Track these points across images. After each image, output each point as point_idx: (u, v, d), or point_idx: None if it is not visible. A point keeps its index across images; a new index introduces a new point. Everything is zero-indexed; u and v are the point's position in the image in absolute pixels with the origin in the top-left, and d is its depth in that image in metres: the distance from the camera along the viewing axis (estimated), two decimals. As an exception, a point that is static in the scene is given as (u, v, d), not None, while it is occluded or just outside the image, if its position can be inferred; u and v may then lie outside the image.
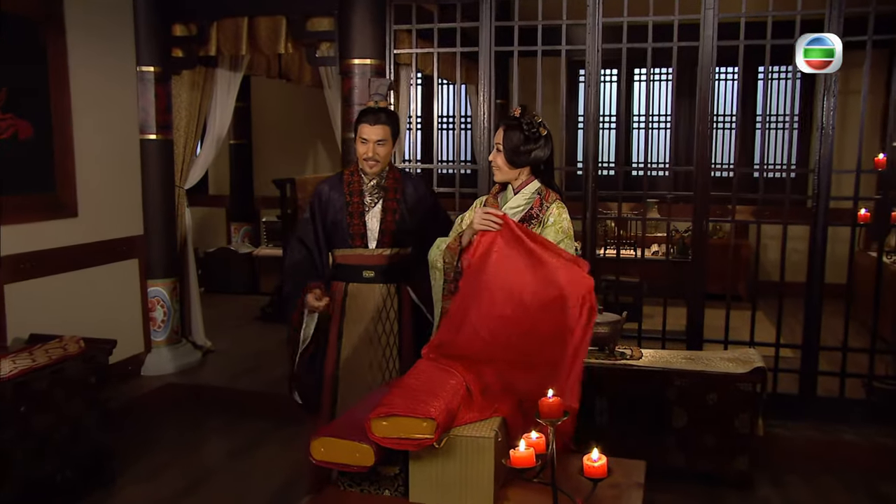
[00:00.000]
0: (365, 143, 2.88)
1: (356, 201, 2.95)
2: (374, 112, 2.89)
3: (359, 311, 2.96)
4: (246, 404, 4.51)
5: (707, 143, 4.01)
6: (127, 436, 4.08)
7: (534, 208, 2.57)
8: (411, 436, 1.94)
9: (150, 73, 4.86)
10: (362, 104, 4.27)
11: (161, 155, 4.96)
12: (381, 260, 2.97)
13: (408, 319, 3.03)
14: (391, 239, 2.97)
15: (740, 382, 3.46)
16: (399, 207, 2.98)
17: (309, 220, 2.97)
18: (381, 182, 2.99)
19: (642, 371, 3.59)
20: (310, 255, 2.93)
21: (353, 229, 2.93)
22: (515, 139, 2.50)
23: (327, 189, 2.99)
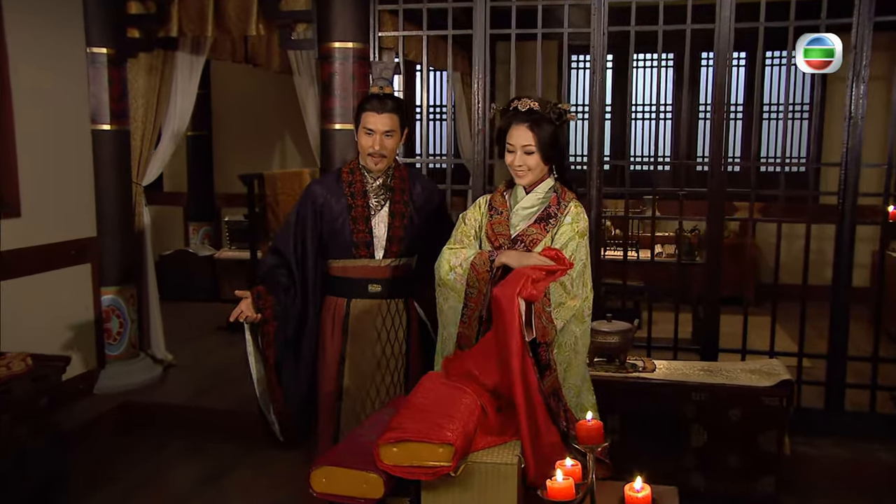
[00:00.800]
0: (370, 135, 2.76)
1: (360, 204, 2.82)
2: (379, 98, 2.77)
3: (364, 332, 2.85)
4: (213, 424, 4.41)
5: (722, 135, 3.99)
6: (80, 464, 3.94)
7: (551, 206, 2.53)
8: (425, 463, 1.86)
9: (103, 56, 4.72)
10: (345, 92, 4.20)
11: (116, 147, 4.82)
12: (388, 272, 2.86)
13: (416, 340, 2.95)
14: (399, 247, 2.86)
15: (766, 397, 3.43)
16: (408, 210, 2.88)
17: (292, 226, 2.83)
18: (388, 181, 2.88)
19: (657, 385, 3.56)
20: (279, 266, 2.81)
21: (357, 237, 2.81)
22: (548, 132, 2.45)
23: (322, 191, 2.84)
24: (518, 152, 2.47)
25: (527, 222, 2.54)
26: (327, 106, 4.27)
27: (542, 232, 2.50)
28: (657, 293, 5.20)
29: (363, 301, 2.85)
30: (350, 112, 4.11)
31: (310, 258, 2.83)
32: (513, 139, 2.47)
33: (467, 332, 2.48)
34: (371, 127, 2.75)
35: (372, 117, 2.75)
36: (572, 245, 2.46)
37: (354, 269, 2.84)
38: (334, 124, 4.24)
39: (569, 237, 2.47)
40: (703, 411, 3.49)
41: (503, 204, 2.61)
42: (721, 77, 3.95)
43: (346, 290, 2.86)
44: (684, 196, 4.21)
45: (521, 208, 2.56)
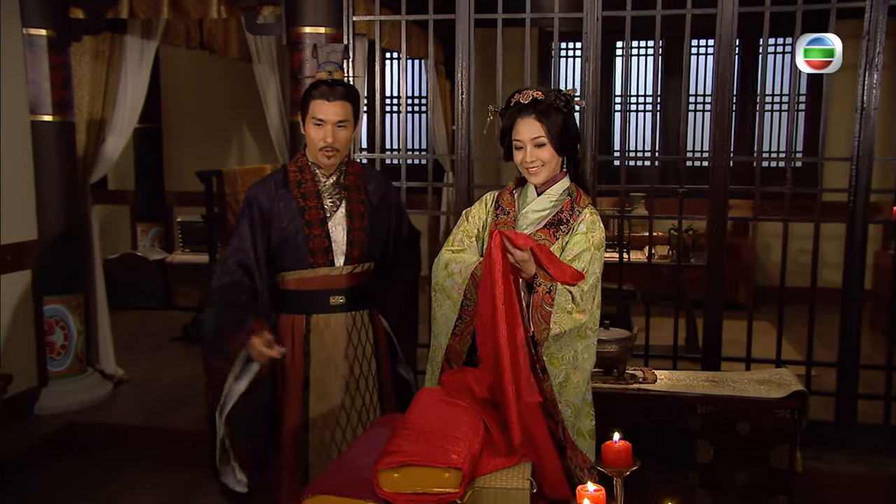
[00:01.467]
0: (320, 126, 2.65)
1: (313, 206, 2.72)
2: (329, 85, 2.67)
3: (327, 350, 2.76)
4: (172, 447, 4.29)
5: (725, 128, 4.00)
6: (18, 495, 3.82)
7: (563, 211, 2.50)
8: (430, 490, 1.83)
9: (42, 39, 4.58)
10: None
11: (59, 141, 4.68)
12: (351, 280, 2.77)
13: (385, 355, 2.88)
14: (361, 251, 2.78)
15: (777, 409, 3.42)
16: (366, 210, 2.80)
17: (247, 233, 2.70)
18: (341, 179, 2.79)
19: (659, 397, 3.53)
20: (249, 281, 2.67)
21: (313, 243, 2.71)
22: (558, 121, 2.42)
23: (267, 194, 2.72)
24: (528, 147, 2.43)
25: (535, 226, 2.51)
26: (297, 97, 4.17)
27: (550, 238, 2.47)
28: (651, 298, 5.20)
29: (325, 316, 2.75)
30: None
31: (264, 273, 2.72)
32: (520, 134, 2.43)
33: (458, 347, 2.45)
34: (321, 117, 2.64)
35: (322, 106, 2.64)
36: (586, 257, 2.43)
37: (313, 280, 2.73)
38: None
39: (583, 248, 2.44)
40: (709, 425, 3.46)
41: (511, 204, 2.57)
42: (724, 65, 3.95)
43: (304, 305, 2.75)
44: (684, 193, 4.20)
45: (531, 211, 2.52)
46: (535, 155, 2.42)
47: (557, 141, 2.42)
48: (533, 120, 2.40)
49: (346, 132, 2.69)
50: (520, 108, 2.43)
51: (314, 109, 2.65)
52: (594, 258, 2.44)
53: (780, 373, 3.74)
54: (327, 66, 2.73)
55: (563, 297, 2.35)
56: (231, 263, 2.68)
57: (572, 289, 2.37)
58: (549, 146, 2.42)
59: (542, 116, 2.40)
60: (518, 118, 2.42)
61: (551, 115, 2.40)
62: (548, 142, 2.41)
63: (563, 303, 2.34)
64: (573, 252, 2.45)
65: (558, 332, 2.33)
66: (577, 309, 2.37)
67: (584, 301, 2.39)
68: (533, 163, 2.43)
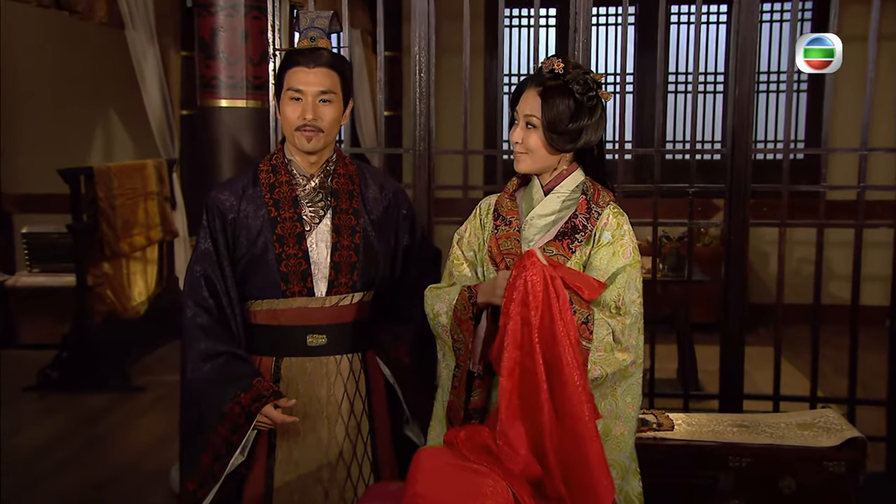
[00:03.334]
0: (298, 101, 2.57)
1: (288, 216, 2.62)
2: (311, 50, 2.60)
3: (303, 406, 2.63)
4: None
5: (748, 113, 4.02)
6: None
7: (578, 215, 2.42)
8: None
9: None
10: (234, 56, 3.96)
11: None
12: (335, 315, 2.66)
13: (383, 410, 2.75)
14: (349, 277, 2.66)
15: (829, 461, 3.41)
16: (359, 222, 2.68)
17: (211, 254, 2.60)
18: (328, 180, 2.68)
19: (681, 447, 3.49)
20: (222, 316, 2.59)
21: (286, 265, 2.60)
22: (562, 108, 2.36)
23: (232, 200, 2.63)
24: (520, 125, 2.40)
25: (544, 236, 2.44)
26: (208, 74, 4.00)
27: (564, 252, 2.40)
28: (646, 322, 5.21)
29: (299, 360, 2.65)
30: (243, 83, 3.93)
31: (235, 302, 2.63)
32: (519, 105, 2.41)
33: (456, 402, 2.42)
34: (300, 86, 2.56)
35: (300, 74, 2.56)
36: (622, 279, 2.37)
37: (285, 313, 2.63)
38: (219, 99, 3.99)
39: (617, 266, 2.38)
40: (744, 481, 3.44)
41: (513, 210, 2.50)
42: (746, 34, 3.96)
43: (272, 344, 2.65)
44: (695, 193, 4.19)
45: (537, 216, 2.46)
46: (524, 137, 2.39)
47: (551, 129, 2.36)
48: (535, 94, 2.38)
49: (333, 109, 2.59)
50: (533, 76, 2.42)
51: (290, 79, 2.57)
52: (631, 279, 2.38)
53: (825, 414, 3.74)
54: (310, 32, 2.63)
55: (603, 329, 2.30)
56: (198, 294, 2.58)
57: (611, 322, 2.32)
58: (538, 133, 2.37)
59: (546, 93, 2.36)
60: (528, 86, 2.40)
61: (556, 96, 2.36)
62: (540, 126, 2.36)
63: (604, 336, 2.29)
64: (599, 272, 2.39)
65: (599, 374, 2.29)
66: (619, 347, 2.32)
67: (627, 337, 2.34)
68: (517, 145, 2.40)
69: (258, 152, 3.90)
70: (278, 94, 2.62)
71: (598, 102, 2.40)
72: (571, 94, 2.36)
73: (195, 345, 2.57)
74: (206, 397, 2.53)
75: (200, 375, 2.54)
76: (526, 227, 2.45)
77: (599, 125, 2.42)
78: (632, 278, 2.38)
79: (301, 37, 2.66)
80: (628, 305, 2.37)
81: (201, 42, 4.05)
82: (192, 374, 2.56)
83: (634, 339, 2.37)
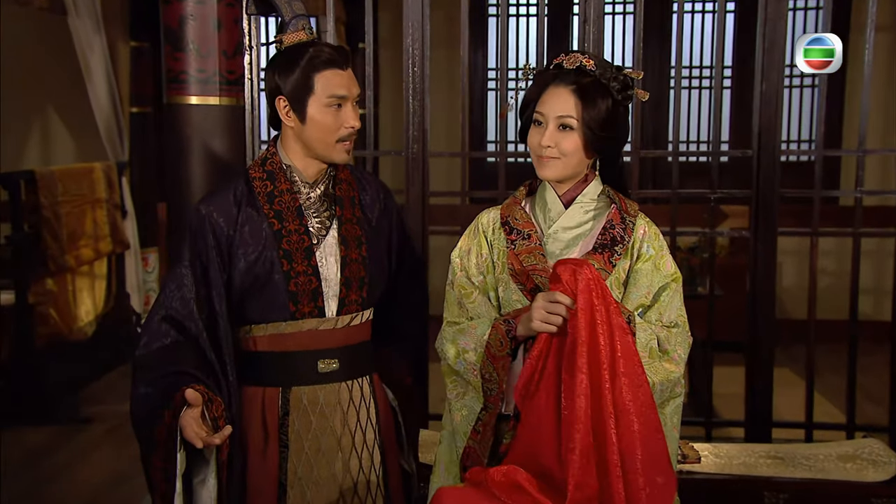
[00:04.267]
0: (339, 108, 2.52)
1: (294, 228, 2.56)
2: (333, 48, 2.55)
3: (315, 438, 2.59)
4: None
5: (777, 110, 4.01)
6: None
7: (615, 226, 2.42)
8: None
9: None
10: (206, 48, 3.84)
11: None
12: (348, 336, 2.62)
13: (392, 439, 2.73)
14: (360, 293, 2.62)
15: (877, 497, 3.44)
16: (364, 231, 2.66)
17: (187, 278, 2.53)
18: (331, 188, 2.65)
19: (710, 482, 3.50)
20: (186, 343, 2.51)
21: (295, 284, 2.55)
22: (602, 108, 2.35)
23: (225, 214, 2.56)
24: (549, 126, 2.36)
25: (572, 250, 2.42)
26: (176, 68, 3.90)
27: (604, 265, 2.38)
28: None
29: (312, 389, 2.59)
30: (216, 78, 3.82)
31: (221, 328, 2.54)
32: (545, 106, 2.37)
33: (478, 449, 2.39)
34: (343, 92, 2.51)
35: (340, 77, 2.51)
36: (665, 297, 2.39)
37: (294, 337, 2.58)
38: (188, 96, 3.88)
39: (660, 282, 2.40)
40: (783, 521, 3.46)
41: (528, 222, 2.48)
42: (774, 23, 3.95)
43: (280, 373, 2.60)
44: (718, 200, 4.18)
45: (563, 228, 2.44)
46: (555, 139, 2.36)
47: (592, 133, 2.34)
48: (569, 92, 2.35)
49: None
50: (558, 73, 2.38)
51: (327, 84, 2.50)
52: (676, 295, 2.40)
53: (868, 445, 3.76)
54: (301, 20, 2.57)
55: (646, 333, 2.31)
56: (156, 322, 2.51)
57: (655, 329, 2.34)
58: (576, 134, 2.35)
59: (582, 92, 2.34)
60: (551, 85, 2.38)
61: (596, 95, 2.35)
62: (577, 128, 2.34)
63: (647, 340, 2.30)
64: (643, 289, 2.39)
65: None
66: (665, 357, 2.33)
67: (674, 346, 2.35)
68: (549, 149, 2.36)
69: (233, 155, 3.83)
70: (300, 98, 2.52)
71: (631, 97, 2.42)
72: (609, 92, 2.36)
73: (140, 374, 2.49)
74: (140, 428, 2.46)
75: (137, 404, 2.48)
76: (549, 240, 2.43)
77: (628, 125, 2.47)
78: (676, 294, 2.39)
79: (290, 27, 2.60)
80: (674, 320, 2.39)
81: (168, 32, 3.94)
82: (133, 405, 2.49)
83: (683, 352, 2.36)
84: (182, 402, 2.35)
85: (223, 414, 2.43)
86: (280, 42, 2.55)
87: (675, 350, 2.34)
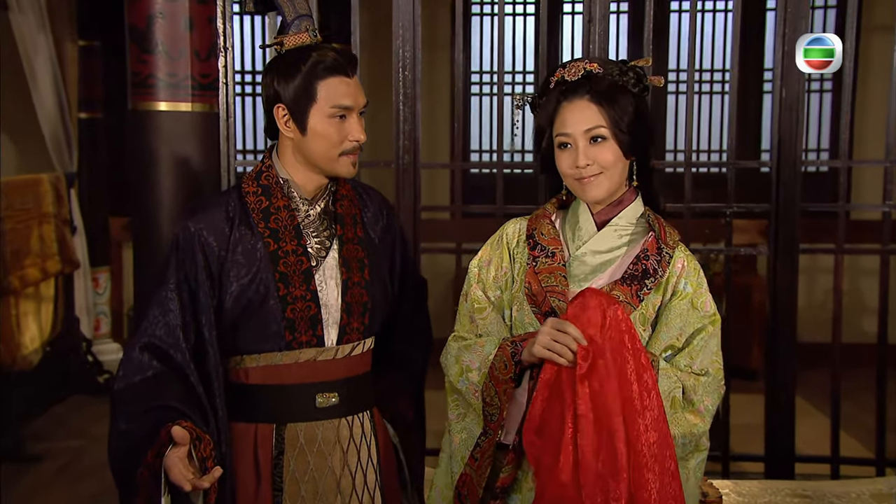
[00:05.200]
0: (343, 119, 2.51)
1: (291, 249, 2.54)
2: (339, 53, 2.53)
3: (312, 481, 2.57)
4: None
5: (797, 119, 4.10)
6: None
7: (649, 256, 2.40)
8: None
9: None
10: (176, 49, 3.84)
11: None
12: (348, 368, 2.60)
13: (393, 478, 2.73)
14: (362, 321, 2.61)
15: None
16: (366, 252, 2.65)
17: (172, 302, 2.50)
18: (330, 204, 2.64)
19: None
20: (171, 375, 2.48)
21: (293, 310, 2.53)
22: (625, 105, 2.36)
23: (215, 232, 2.54)
24: (580, 145, 2.35)
25: (598, 277, 2.40)
26: (143, 71, 3.89)
27: (630, 299, 2.36)
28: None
29: (309, 426, 2.57)
30: (187, 82, 3.83)
31: (211, 358, 2.52)
32: (567, 125, 2.36)
33: (474, 477, 2.40)
34: (348, 103, 2.49)
35: (345, 86, 2.49)
36: (699, 342, 2.36)
37: (290, 369, 2.55)
38: (156, 102, 3.88)
39: (696, 324, 2.36)
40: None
41: (555, 239, 2.46)
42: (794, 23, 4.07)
43: (275, 408, 2.57)
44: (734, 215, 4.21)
45: (591, 252, 2.42)
46: (592, 155, 2.34)
47: (626, 134, 2.34)
48: (587, 103, 2.35)
49: None
50: (565, 89, 2.38)
51: (332, 93, 2.48)
52: (712, 339, 2.37)
53: (901, 482, 3.78)
54: (303, 21, 2.54)
55: (669, 381, 2.29)
56: (137, 351, 2.47)
57: (681, 375, 2.32)
58: (612, 142, 2.35)
59: (600, 98, 2.34)
60: (563, 103, 2.38)
61: (616, 95, 2.36)
62: (610, 135, 2.34)
63: (670, 389, 2.28)
64: (675, 330, 2.37)
65: None
66: (689, 407, 2.31)
67: (701, 396, 2.32)
68: (589, 167, 2.35)
69: (206, 166, 3.85)
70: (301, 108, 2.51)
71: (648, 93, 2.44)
72: (627, 89, 2.37)
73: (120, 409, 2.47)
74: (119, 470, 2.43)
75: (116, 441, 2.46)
76: (574, 263, 2.41)
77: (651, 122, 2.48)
78: (712, 339, 2.36)
79: (292, 29, 2.57)
80: (711, 365, 2.36)
81: (134, 31, 3.93)
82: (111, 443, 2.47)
83: (710, 403, 2.34)
84: (167, 440, 2.31)
85: (212, 454, 2.40)
86: (281, 45, 2.53)
87: (701, 401, 2.32)
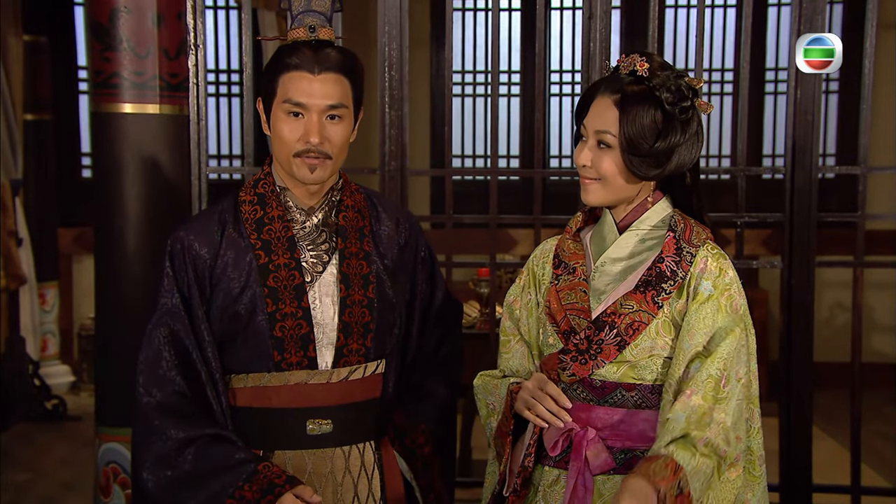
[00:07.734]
0: (297, 118, 2.51)
1: (283, 263, 2.56)
2: (313, 48, 2.53)
3: None
4: None
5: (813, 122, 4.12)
6: None
7: (665, 258, 2.37)
8: None
9: None
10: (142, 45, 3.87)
11: None
12: (344, 393, 2.60)
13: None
14: (361, 343, 2.61)
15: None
16: (373, 268, 2.64)
17: (180, 310, 2.53)
18: (332, 215, 2.64)
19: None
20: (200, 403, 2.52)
21: (281, 328, 2.54)
22: (647, 121, 2.32)
23: (210, 240, 2.57)
24: (589, 143, 2.37)
25: (620, 286, 2.40)
26: (107, 70, 3.90)
27: (648, 307, 2.35)
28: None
29: (297, 455, 2.57)
30: (155, 83, 3.84)
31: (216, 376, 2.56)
32: (588, 118, 2.39)
33: None
34: (301, 99, 2.49)
35: (302, 82, 2.49)
36: (726, 348, 2.29)
37: (279, 391, 2.56)
38: (121, 104, 3.89)
39: (716, 327, 2.30)
40: None
41: (577, 254, 2.47)
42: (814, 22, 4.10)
43: (262, 434, 2.58)
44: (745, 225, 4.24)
45: (610, 260, 2.42)
46: (590, 158, 2.36)
47: (628, 152, 2.32)
48: (611, 103, 2.34)
49: (343, 128, 2.55)
50: (609, 79, 2.40)
51: (287, 88, 2.49)
52: (741, 346, 2.31)
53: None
54: (308, 17, 2.55)
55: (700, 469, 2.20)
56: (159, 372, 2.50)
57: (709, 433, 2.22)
58: (616, 152, 2.33)
59: (625, 102, 2.33)
60: (599, 91, 2.38)
61: (638, 106, 2.33)
62: (616, 145, 2.33)
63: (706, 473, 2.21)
64: (700, 337, 2.31)
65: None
66: (725, 464, 2.25)
67: (734, 441, 2.26)
68: (587, 169, 2.37)
69: (176, 173, 3.87)
70: (267, 103, 2.56)
71: (694, 115, 2.37)
72: (659, 103, 2.32)
73: (155, 434, 2.47)
74: (182, 499, 2.44)
75: (168, 472, 2.45)
76: (596, 275, 2.41)
77: (695, 144, 2.39)
78: (741, 345, 2.31)
79: (295, 23, 2.59)
80: (730, 382, 2.28)
81: (96, 27, 3.95)
82: (153, 472, 2.46)
83: (743, 434, 2.31)
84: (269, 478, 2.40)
85: None
86: (285, 39, 2.58)
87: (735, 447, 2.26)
